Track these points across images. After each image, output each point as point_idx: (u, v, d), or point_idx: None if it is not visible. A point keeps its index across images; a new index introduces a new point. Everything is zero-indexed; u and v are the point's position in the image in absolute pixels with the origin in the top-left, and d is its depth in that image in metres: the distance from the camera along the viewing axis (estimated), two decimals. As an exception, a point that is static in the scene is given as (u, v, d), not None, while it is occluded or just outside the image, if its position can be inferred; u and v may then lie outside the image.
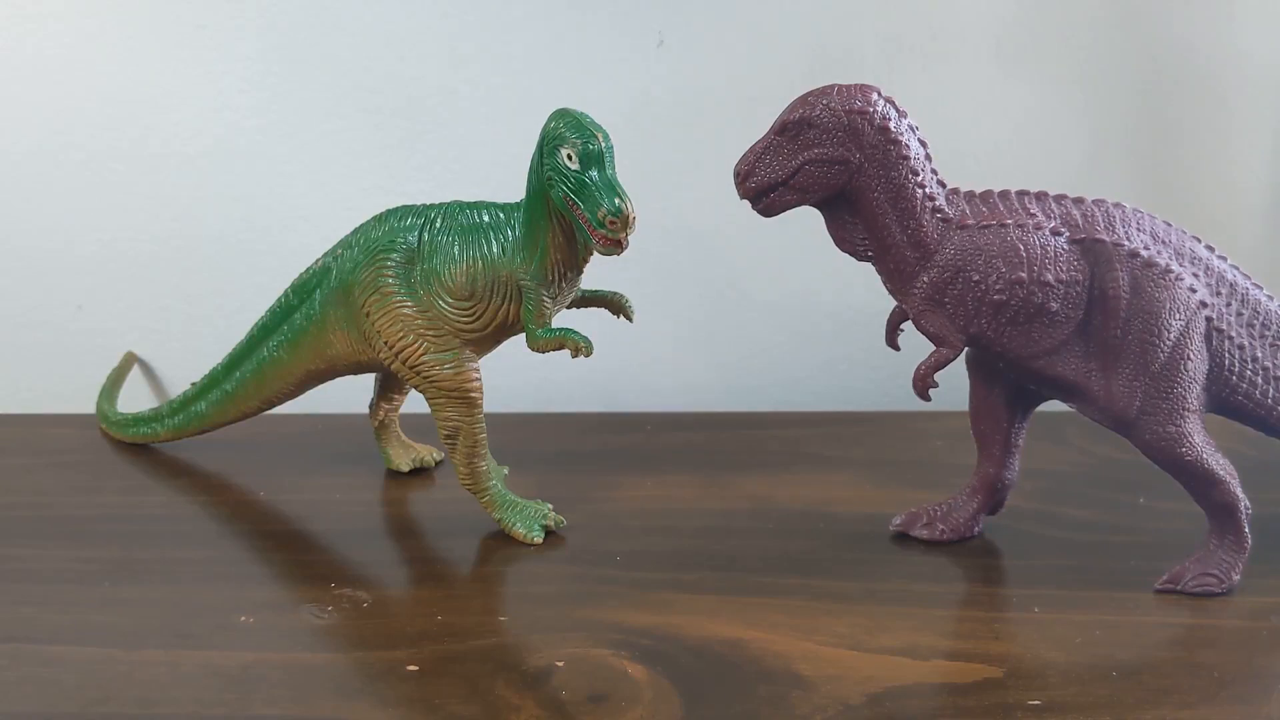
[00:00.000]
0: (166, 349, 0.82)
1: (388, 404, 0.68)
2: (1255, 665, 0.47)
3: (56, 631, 0.50)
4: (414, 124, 0.79)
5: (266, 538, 0.60)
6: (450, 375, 0.58)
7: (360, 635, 0.50)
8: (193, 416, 0.68)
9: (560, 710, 0.44)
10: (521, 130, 0.61)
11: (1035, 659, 0.47)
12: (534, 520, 0.59)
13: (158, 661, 0.47)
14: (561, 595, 0.53)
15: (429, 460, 0.69)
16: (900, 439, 0.73)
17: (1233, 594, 0.52)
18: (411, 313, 0.57)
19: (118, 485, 0.66)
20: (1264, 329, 0.53)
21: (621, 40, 0.79)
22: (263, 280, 0.69)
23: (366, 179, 0.80)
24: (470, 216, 0.57)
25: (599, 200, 0.52)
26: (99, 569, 0.56)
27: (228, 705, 0.44)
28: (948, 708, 0.44)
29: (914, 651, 0.48)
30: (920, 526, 0.59)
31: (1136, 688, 0.45)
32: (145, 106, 0.79)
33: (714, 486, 0.66)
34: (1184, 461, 0.52)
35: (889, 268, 0.54)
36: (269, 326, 0.64)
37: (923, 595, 0.53)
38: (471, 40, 0.78)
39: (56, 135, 0.79)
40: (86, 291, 0.81)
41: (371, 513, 0.63)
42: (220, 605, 0.52)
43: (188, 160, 0.79)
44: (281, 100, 0.79)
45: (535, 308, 0.56)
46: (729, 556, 0.57)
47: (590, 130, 0.52)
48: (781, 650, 0.48)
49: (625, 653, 0.48)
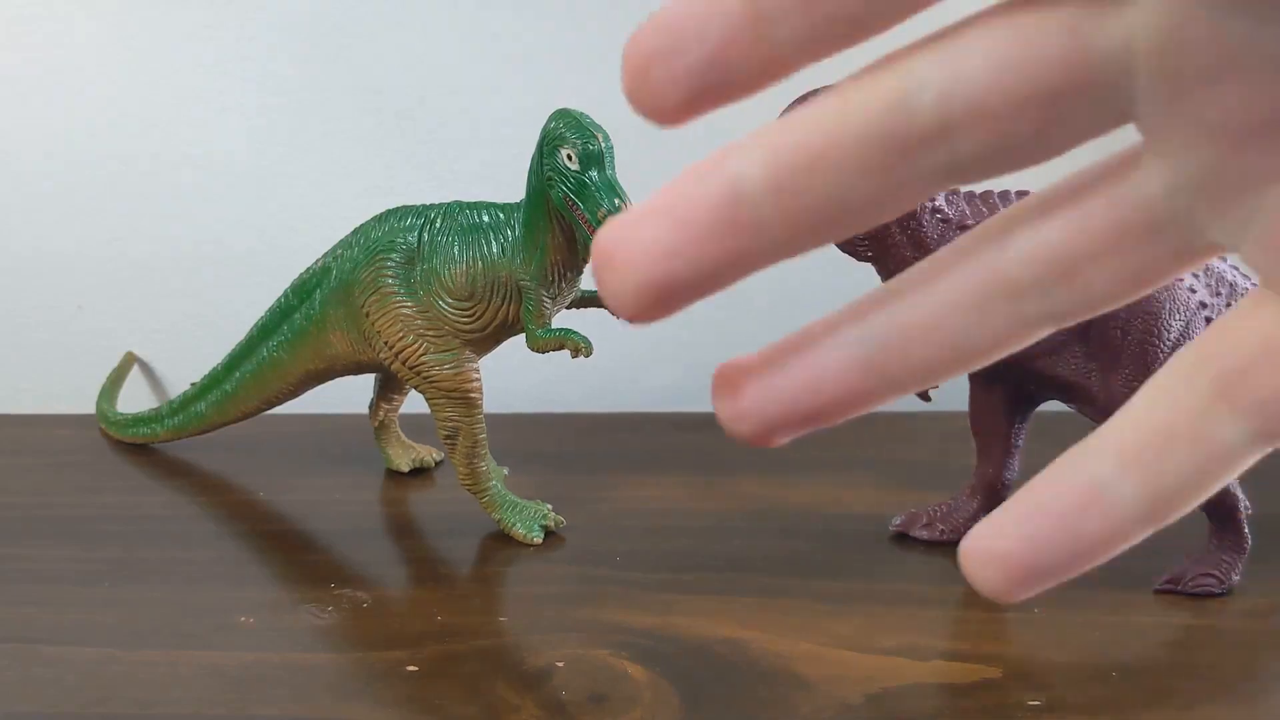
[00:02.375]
0: (166, 349, 0.82)
1: (388, 404, 0.68)
2: (1255, 665, 0.47)
3: (56, 631, 0.50)
4: (414, 124, 0.79)
5: (266, 538, 0.60)
6: (450, 375, 0.58)
7: (360, 635, 0.50)
8: (193, 416, 0.68)
9: (560, 710, 0.44)
10: (521, 130, 0.61)
11: (1035, 659, 0.47)
12: (534, 520, 0.59)
13: (158, 661, 0.47)
14: (561, 595, 0.53)
15: (429, 460, 0.69)
16: (900, 439, 0.73)
17: (1232, 594, 0.52)
18: (411, 313, 0.57)
19: (118, 485, 0.66)
20: (1264, 329, 0.53)
21: (621, 40, 0.78)
22: (262, 280, 0.69)
23: (366, 179, 0.80)
24: (470, 216, 0.57)
25: (599, 200, 0.52)
26: (99, 569, 0.56)
27: (228, 705, 0.44)
28: (948, 708, 0.44)
29: (914, 651, 0.48)
30: (920, 527, 0.59)
31: (1136, 688, 0.45)
32: (145, 107, 0.78)
33: (714, 486, 0.66)
34: (1184, 462, 0.52)
35: (889, 268, 0.54)
36: (269, 327, 0.64)
37: (923, 595, 0.53)
38: (472, 40, 0.78)
39: (56, 135, 0.79)
40: (86, 291, 0.81)
41: (371, 513, 0.63)
42: (220, 605, 0.52)
43: (188, 160, 0.79)
44: (281, 100, 0.79)
45: (535, 308, 0.56)
46: (729, 556, 0.57)
47: (590, 130, 0.52)
48: (781, 650, 0.48)
49: (625, 653, 0.48)
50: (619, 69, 0.18)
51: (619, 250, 0.17)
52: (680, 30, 0.17)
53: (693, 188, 0.17)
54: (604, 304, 0.64)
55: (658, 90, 0.17)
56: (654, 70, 0.17)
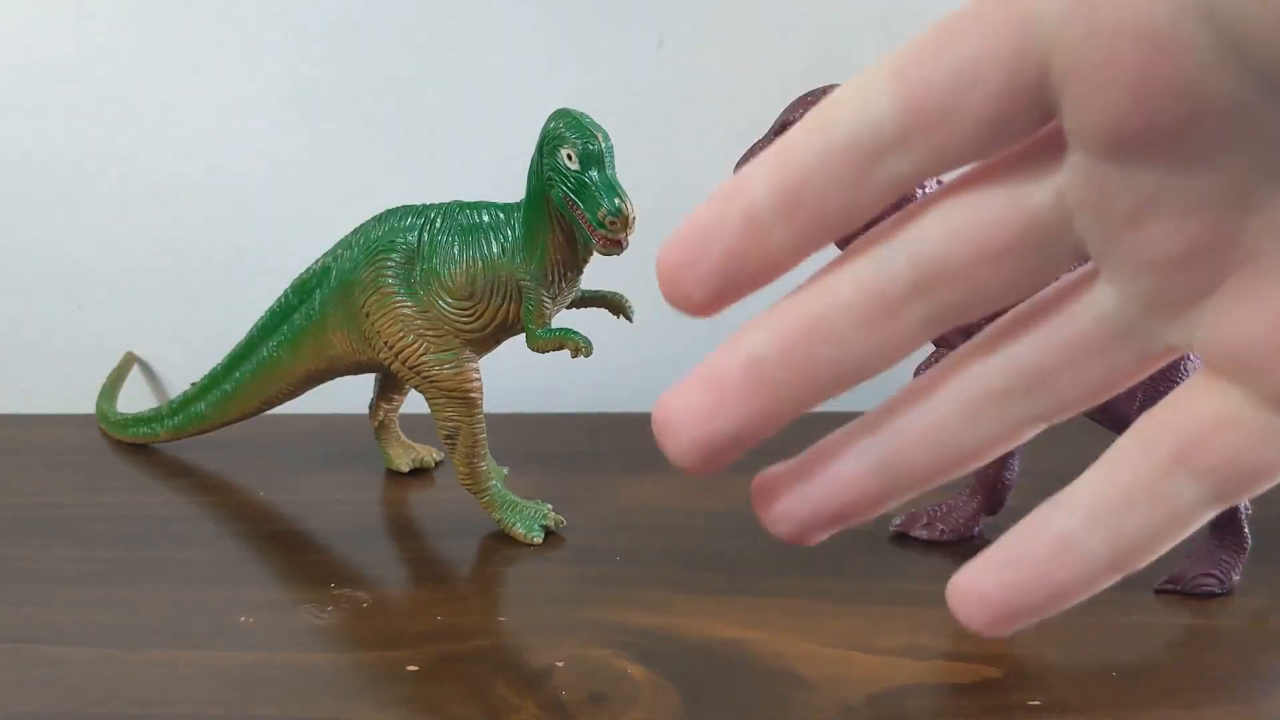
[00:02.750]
0: (166, 349, 0.82)
1: (388, 404, 0.68)
2: (1255, 665, 0.47)
3: (56, 631, 0.50)
4: (414, 124, 0.79)
5: (266, 538, 0.60)
6: (450, 375, 0.58)
7: (360, 635, 0.50)
8: (193, 416, 0.68)
9: (560, 710, 0.44)
10: (521, 130, 0.61)
11: (1035, 659, 0.47)
12: (534, 520, 0.59)
13: (158, 661, 0.47)
14: (561, 595, 0.53)
15: (429, 460, 0.69)
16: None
17: (1233, 594, 0.52)
18: (411, 313, 0.57)
19: (118, 485, 0.66)
20: (1264, 329, 0.53)
21: (621, 40, 0.79)
22: (262, 280, 0.69)
23: (366, 179, 0.80)
24: (470, 216, 0.57)
25: (599, 200, 0.52)
26: (99, 569, 0.56)
27: (227, 705, 0.44)
28: (948, 708, 0.44)
29: (914, 651, 0.48)
30: (920, 527, 0.59)
31: (1136, 688, 0.45)
32: (145, 107, 0.79)
33: (714, 486, 0.66)
34: (1184, 462, 0.52)
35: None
36: (269, 327, 0.64)
37: (923, 595, 0.53)
38: (472, 40, 0.78)
39: (56, 135, 0.79)
40: (86, 291, 0.81)
41: (371, 513, 0.63)
42: (220, 605, 0.52)
43: (188, 160, 0.79)
44: (281, 100, 0.79)
45: (535, 308, 0.56)
46: (729, 556, 0.57)
47: (590, 130, 0.52)
48: (781, 650, 0.48)
49: (625, 653, 0.48)
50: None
51: (671, 417, 0.21)
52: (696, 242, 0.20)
53: (720, 360, 0.21)
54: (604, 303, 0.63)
55: (687, 291, 0.21)
56: (681, 276, 0.20)
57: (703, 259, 0.20)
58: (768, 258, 0.20)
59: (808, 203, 0.20)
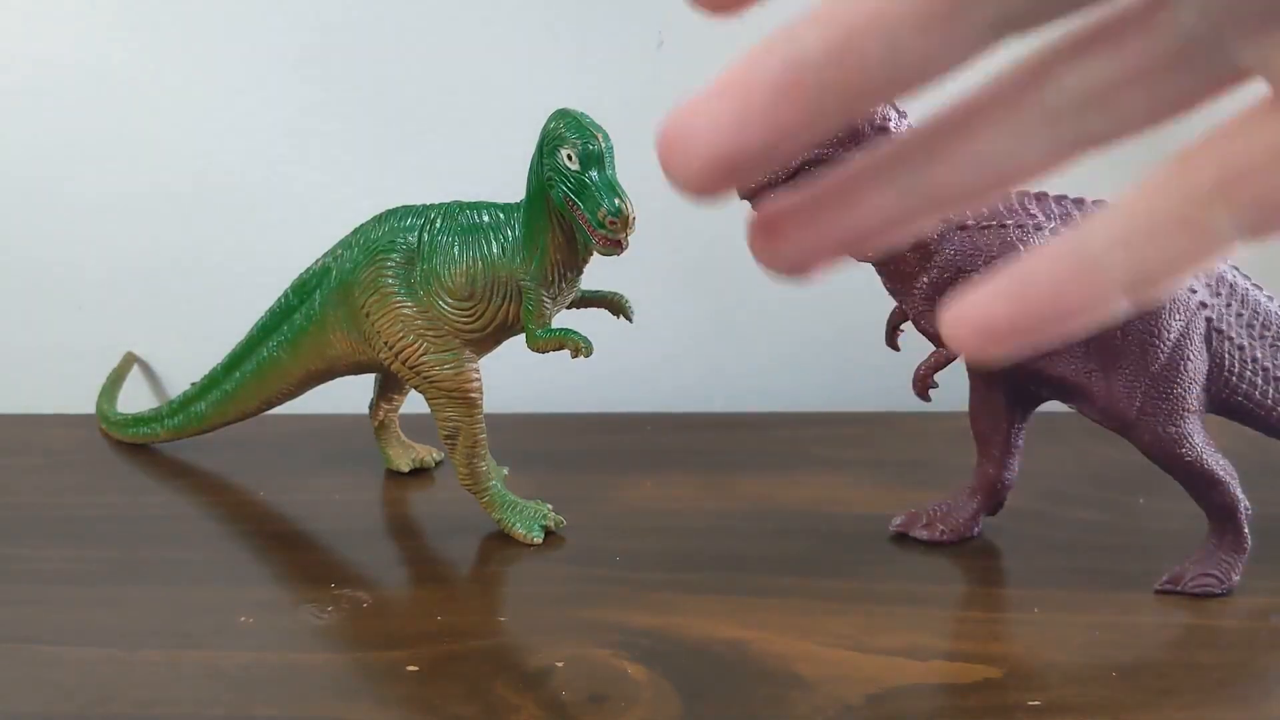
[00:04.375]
0: (166, 349, 0.82)
1: (388, 404, 0.68)
2: (1255, 665, 0.47)
3: (56, 631, 0.50)
4: (414, 124, 0.79)
5: (266, 538, 0.60)
6: (450, 375, 0.58)
7: (360, 635, 0.50)
8: (193, 416, 0.68)
9: (560, 710, 0.44)
10: (521, 130, 0.61)
11: (1035, 659, 0.47)
12: (534, 520, 0.59)
13: (157, 661, 0.47)
14: (561, 595, 0.53)
15: (429, 460, 0.69)
16: (900, 439, 0.73)
17: (1233, 594, 0.52)
18: (411, 313, 0.57)
19: (118, 485, 0.66)
20: (1264, 329, 0.53)
21: (621, 40, 0.79)
22: (263, 280, 0.69)
23: (366, 179, 0.80)
24: (470, 216, 0.57)
25: (599, 200, 0.52)
26: (99, 569, 0.56)
27: (227, 705, 0.44)
28: (948, 708, 0.44)
29: (914, 651, 0.48)
30: (920, 527, 0.59)
31: (1136, 688, 0.45)
32: (145, 106, 0.78)
33: (714, 486, 0.66)
34: (1184, 462, 0.52)
35: (889, 268, 0.54)
36: (269, 327, 0.64)
37: (923, 595, 0.53)
38: (472, 40, 0.78)
39: (56, 135, 0.79)
40: (86, 291, 0.81)
41: (371, 513, 0.63)
42: (220, 605, 0.52)
43: (188, 160, 0.79)
44: (281, 100, 0.79)
45: (535, 308, 0.56)
46: (729, 556, 0.57)
47: (590, 130, 0.52)
48: (781, 650, 0.48)
49: (625, 653, 0.48)
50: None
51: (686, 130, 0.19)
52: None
53: (752, 66, 0.19)
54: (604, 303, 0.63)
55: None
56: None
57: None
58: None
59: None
